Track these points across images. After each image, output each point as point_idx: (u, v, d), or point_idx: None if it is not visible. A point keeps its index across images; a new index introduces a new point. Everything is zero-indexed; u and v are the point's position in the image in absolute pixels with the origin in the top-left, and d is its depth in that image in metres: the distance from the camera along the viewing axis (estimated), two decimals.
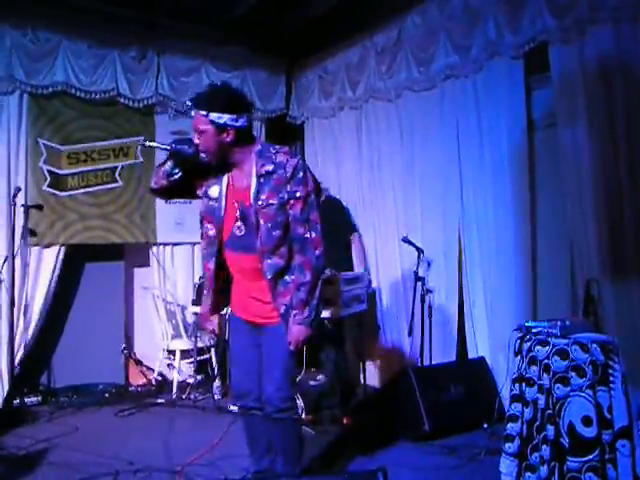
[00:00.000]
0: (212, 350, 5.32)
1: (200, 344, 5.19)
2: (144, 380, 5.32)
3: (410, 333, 4.68)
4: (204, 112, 2.60)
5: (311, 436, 3.92)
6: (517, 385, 2.88)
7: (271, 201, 2.64)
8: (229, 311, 3.01)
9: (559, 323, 2.83)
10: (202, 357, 5.27)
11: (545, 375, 2.72)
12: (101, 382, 5.09)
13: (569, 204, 3.89)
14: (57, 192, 5.03)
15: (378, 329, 5.31)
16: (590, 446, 2.56)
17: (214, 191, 2.78)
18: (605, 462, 2.56)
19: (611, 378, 2.65)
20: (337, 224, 4.96)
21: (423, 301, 4.60)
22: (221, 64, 5.79)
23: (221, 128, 2.61)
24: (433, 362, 4.61)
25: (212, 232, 2.79)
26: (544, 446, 2.68)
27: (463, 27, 4.43)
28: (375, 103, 5.32)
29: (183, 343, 5.23)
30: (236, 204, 2.73)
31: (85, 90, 5.05)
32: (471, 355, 4.53)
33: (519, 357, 2.90)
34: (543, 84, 4.14)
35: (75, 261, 5.23)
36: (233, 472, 3.32)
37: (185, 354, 5.25)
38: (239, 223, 2.71)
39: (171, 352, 5.29)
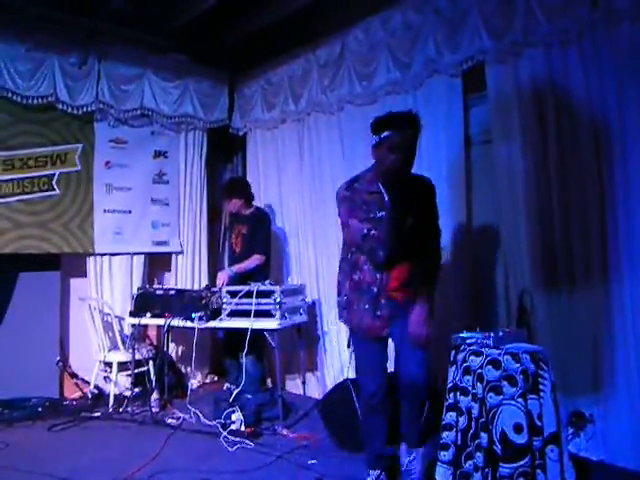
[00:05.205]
0: (150, 362, 5.21)
1: (138, 356, 5.10)
2: (79, 393, 5.17)
3: (349, 345, 4.70)
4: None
5: (250, 449, 3.91)
6: (452, 394, 2.94)
7: None
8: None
9: (492, 334, 2.93)
10: (140, 369, 5.16)
11: (479, 384, 2.80)
12: (34, 396, 4.89)
13: (503, 217, 4.03)
14: None
15: (318, 341, 5.34)
16: (521, 452, 2.64)
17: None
18: (535, 467, 2.64)
19: (541, 386, 2.74)
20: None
21: None
22: (163, 73, 5.74)
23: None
24: None
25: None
26: (478, 453, 2.74)
27: (404, 44, 4.53)
28: (317, 116, 5.37)
29: (120, 355, 5.11)
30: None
31: (22, 95, 4.90)
32: None
33: (454, 367, 2.98)
34: (480, 102, 4.27)
35: (8, 271, 5.05)
36: None
37: (122, 366, 5.13)
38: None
39: (108, 364, 5.17)
